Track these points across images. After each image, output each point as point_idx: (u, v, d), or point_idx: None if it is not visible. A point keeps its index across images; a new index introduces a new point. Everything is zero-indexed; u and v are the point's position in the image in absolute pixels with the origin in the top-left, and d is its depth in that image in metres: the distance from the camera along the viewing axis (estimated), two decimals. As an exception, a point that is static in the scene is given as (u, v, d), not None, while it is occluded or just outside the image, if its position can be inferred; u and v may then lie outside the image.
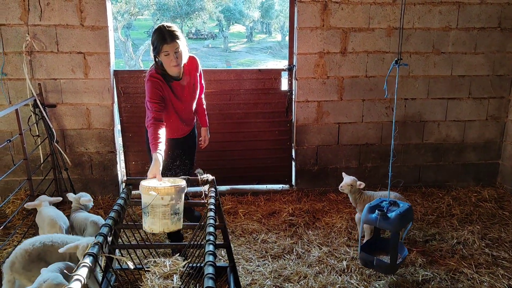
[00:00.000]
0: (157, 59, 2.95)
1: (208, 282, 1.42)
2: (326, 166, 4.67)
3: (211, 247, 1.67)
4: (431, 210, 4.26)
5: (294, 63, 4.44)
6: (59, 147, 4.12)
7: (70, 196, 3.38)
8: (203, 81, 3.39)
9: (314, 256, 3.47)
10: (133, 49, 18.20)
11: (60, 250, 2.21)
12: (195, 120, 3.51)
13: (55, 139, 4.07)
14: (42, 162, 4.13)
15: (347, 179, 3.60)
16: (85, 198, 3.31)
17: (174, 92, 3.08)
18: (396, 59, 2.68)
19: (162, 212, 2.06)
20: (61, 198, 3.38)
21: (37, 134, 4.10)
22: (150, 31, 28.74)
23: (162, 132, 2.82)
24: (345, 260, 3.40)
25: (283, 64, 4.52)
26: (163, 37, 2.81)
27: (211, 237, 1.75)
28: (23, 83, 4.02)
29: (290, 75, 4.52)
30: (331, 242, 3.69)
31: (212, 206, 2.08)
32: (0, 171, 4.20)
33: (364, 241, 3.39)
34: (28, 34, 3.92)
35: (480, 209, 4.29)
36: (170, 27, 2.88)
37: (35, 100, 3.93)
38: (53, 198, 3.33)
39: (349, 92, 4.48)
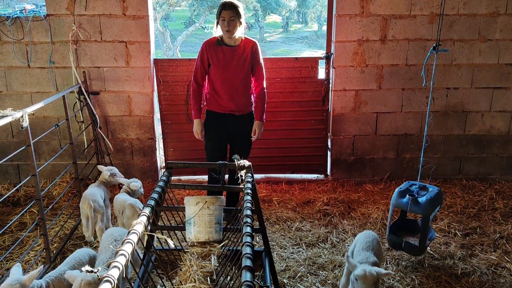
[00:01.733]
0: (218, 25, 3.40)
1: (246, 262, 1.45)
2: (363, 156, 4.61)
3: (248, 229, 1.71)
4: (472, 204, 4.13)
5: (332, 51, 4.39)
6: (102, 133, 4.29)
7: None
8: (262, 70, 3.54)
9: (348, 245, 3.46)
10: (171, 40, 18.51)
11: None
12: (243, 106, 3.51)
13: (98, 125, 4.24)
14: (86, 147, 4.32)
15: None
16: (136, 183, 3.41)
17: (219, 56, 3.40)
18: (434, 45, 2.59)
19: (208, 221, 2.18)
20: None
21: (82, 120, 4.28)
22: (187, 22, 29.07)
23: (200, 96, 3.51)
24: (381, 251, 3.36)
25: (318, 54, 4.48)
26: (224, 4, 3.32)
27: (248, 220, 1.79)
28: (69, 71, 4.20)
29: (327, 63, 4.47)
30: (366, 232, 3.66)
31: (249, 191, 2.12)
32: (48, 155, 4.43)
33: (392, 222, 3.35)
34: (74, 23, 4.08)
35: (525, 204, 4.12)
36: (233, 1, 3.34)
37: (80, 88, 4.10)
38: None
39: (388, 81, 4.38)
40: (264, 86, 3.56)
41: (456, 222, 3.80)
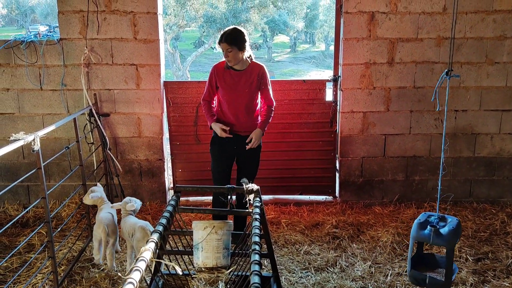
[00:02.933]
0: None
1: (254, 291, 1.44)
2: (372, 178, 4.58)
3: (256, 257, 1.70)
4: (483, 227, 4.06)
5: (339, 74, 4.42)
6: (111, 154, 4.33)
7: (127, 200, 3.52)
8: (270, 92, 3.62)
9: (358, 270, 3.41)
10: (181, 60, 18.78)
11: None
12: (248, 127, 3.59)
13: (108, 146, 4.28)
14: (95, 168, 4.35)
15: None
16: (130, 204, 3.38)
17: (227, 80, 3.51)
18: (446, 70, 2.60)
19: (216, 246, 2.16)
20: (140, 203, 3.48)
21: (92, 141, 4.33)
22: (197, 43, 29.54)
23: (211, 108, 3.64)
24: (390, 276, 3.31)
25: (326, 73, 4.54)
26: (220, 37, 3.39)
27: (257, 247, 1.78)
28: (80, 93, 4.28)
29: (335, 85, 4.50)
30: (375, 256, 3.61)
31: (257, 216, 2.12)
32: (57, 176, 4.47)
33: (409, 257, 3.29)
34: (86, 47, 4.17)
35: (538, 228, 4.05)
36: (230, 31, 3.38)
37: (90, 110, 4.16)
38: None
39: (396, 103, 4.39)
40: (272, 105, 3.65)
41: (468, 246, 3.73)
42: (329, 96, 4.56)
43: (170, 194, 4.71)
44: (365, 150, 4.51)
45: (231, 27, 3.47)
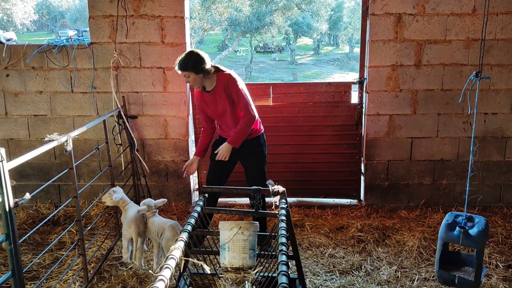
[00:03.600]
0: None
1: (283, 291, 1.46)
2: (398, 182, 4.52)
3: (284, 257, 1.72)
4: (515, 233, 3.95)
5: (365, 76, 4.39)
6: (139, 156, 4.42)
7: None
8: (242, 101, 3.44)
9: (384, 274, 3.38)
10: (205, 63, 18.94)
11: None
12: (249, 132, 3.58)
13: (135, 148, 4.38)
14: (123, 169, 4.45)
15: None
16: (159, 201, 3.41)
17: (206, 101, 3.57)
18: (475, 71, 2.55)
19: (242, 247, 2.20)
20: (165, 200, 3.49)
21: (120, 143, 4.43)
22: (220, 46, 29.84)
23: (204, 138, 3.77)
24: (417, 281, 3.27)
25: (350, 76, 4.54)
26: (176, 65, 3.41)
27: (284, 248, 1.80)
28: (109, 96, 4.39)
29: (360, 88, 4.47)
30: (401, 261, 3.57)
31: (284, 217, 2.13)
32: (87, 176, 4.60)
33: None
34: (115, 51, 4.28)
35: None
36: (183, 58, 3.36)
37: (119, 112, 4.27)
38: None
39: (423, 106, 4.32)
40: (250, 114, 3.46)
41: (497, 252, 3.64)
42: (354, 99, 4.53)
43: (195, 195, 4.77)
44: (391, 153, 4.46)
45: (186, 52, 3.44)
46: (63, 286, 3.18)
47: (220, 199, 4.71)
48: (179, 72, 3.39)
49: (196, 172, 4.69)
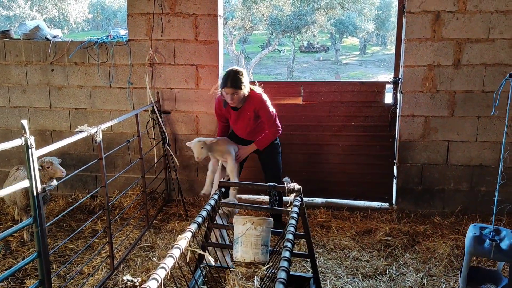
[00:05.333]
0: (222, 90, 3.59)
1: (278, 286, 1.45)
2: (432, 186, 4.34)
3: (287, 254, 1.71)
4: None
5: (400, 76, 4.25)
6: (170, 150, 4.54)
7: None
8: (271, 121, 3.71)
9: (409, 280, 3.26)
10: (246, 63, 19.14)
11: None
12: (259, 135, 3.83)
13: (167, 142, 4.49)
14: (155, 162, 4.59)
15: None
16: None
17: (231, 114, 3.74)
18: (510, 72, 2.40)
19: (255, 242, 2.21)
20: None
21: (153, 137, 4.57)
22: (264, 46, 29.93)
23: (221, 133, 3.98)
24: (444, 290, 3.13)
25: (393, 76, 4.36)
26: (225, 82, 3.48)
27: (289, 244, 1.78)
28: (144, 92, 4.54)
29: (395, 88, 4.34)
30: (429, 268, 3.42)
31: (294, 215, 2.11)
32: (122, 168, 4.78)
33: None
34: (151, 48, 4.42)
35: None
36: (236, 74, 3.49)
37: (153, 107, 4.40)
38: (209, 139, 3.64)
39: (461, 108, 4.13)
40: (276, 128, 3.74)
41: (536, 266, 3.40)
42: (388, 99, 4.40)
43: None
44: (425, 156, 4.29)
45: (231, 70, 3.54)
46: (91, 271, 3.32)
47: (239, 196, 4.75)
48: (230, 90, 3.48)
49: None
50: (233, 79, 3.47)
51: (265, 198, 4.69)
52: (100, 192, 4.58)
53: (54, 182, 2.43)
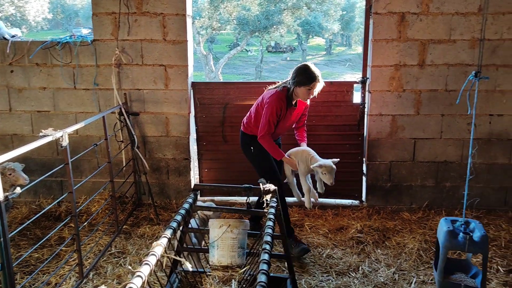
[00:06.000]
0: (293, 87, 3.49)
1: (260, 290, 1.44)
2: (400, 183, 4.46)
3: (266, 256, 1.69)
4: (518, 238, 3.87)
5: (367, 76, 4.34)
6: (139, 153, 4.43)
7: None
8: (305, 112, 3.88)
9: (381, 276, 3.33)
10: (214, 63, 19.00)
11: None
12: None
13: (136, 145, 4.39)
14: (124, 166, 4.47)
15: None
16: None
17: (287, 114, 3.63)
18: (474, 71, 2.50)
19: (231, 245, 2.18)
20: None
21: (121, 140, 4.45)
22: (231, 45, 29.85)
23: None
24: (415, 283, 3.21)
25: (360, 76, 4.43)
26: (313, 76, 3.40)
27: (267, 246, 1.77)
28: (111, 93, 4.41)
29: (363, 88, 4.42)
30: (400, 263, 3.51)
31: (271, 216, 2.11)
32: (89, 172, 4.62)
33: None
34: (117, 48, 4.30)
35: None
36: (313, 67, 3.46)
37: (121, 108, 4.28)
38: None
39: (426, 106, 4.25)
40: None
41: (499, 257, 3.56)
42: (356, 99, 4.48)
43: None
44: (393, 154, 4.40)
45: (307, 65, 3.50)
46: (59, 281, 3.19)
47: (221, 198, 4.71)
48: (323, 84, 3.50)
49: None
50: (320, 74, 3.45)
51: (239, 199, 4.67)
52: (66, 198, 4.41)
53: (18, 190, 2.31)
